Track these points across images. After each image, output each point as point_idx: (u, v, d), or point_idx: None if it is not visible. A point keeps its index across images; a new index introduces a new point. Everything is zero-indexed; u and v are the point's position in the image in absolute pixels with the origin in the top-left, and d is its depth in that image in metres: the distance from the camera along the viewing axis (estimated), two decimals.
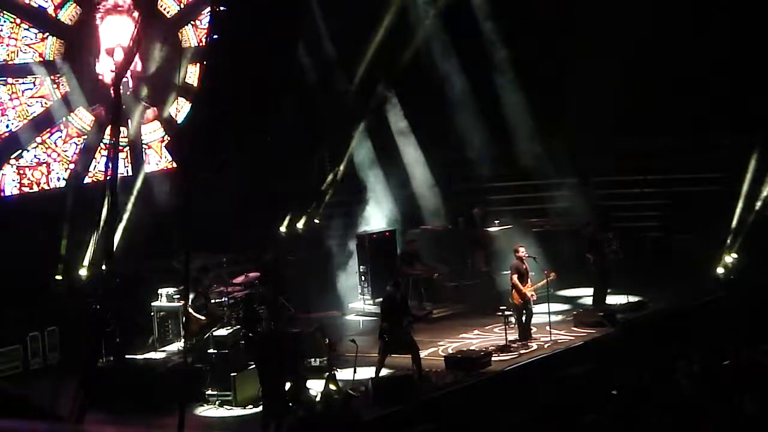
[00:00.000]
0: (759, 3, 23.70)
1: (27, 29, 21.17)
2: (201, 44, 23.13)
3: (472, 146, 25.05)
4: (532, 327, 19.37)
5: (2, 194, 20.88)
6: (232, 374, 16.90)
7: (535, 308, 19.44)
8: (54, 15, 21.47)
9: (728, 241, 22.33)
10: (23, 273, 19.41)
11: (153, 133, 23.34)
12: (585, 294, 22.16)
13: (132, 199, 21.29)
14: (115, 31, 21.88)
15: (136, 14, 21.63)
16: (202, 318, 18.22)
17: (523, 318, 19.20)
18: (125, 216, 20.83)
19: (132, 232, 20.66)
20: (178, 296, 19.09)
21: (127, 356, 18.59)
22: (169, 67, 22.56)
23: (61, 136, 21.75)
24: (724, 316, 19.16)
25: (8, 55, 20.94)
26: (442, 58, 25.13)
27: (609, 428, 13.38)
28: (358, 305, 22.58)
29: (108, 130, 19.68)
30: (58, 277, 20.44)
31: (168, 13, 23.19)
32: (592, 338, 19.19)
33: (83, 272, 20.56)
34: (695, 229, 23.26)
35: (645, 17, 23.81)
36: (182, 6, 23.46)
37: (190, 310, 18.01)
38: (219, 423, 16.51)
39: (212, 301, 18.95)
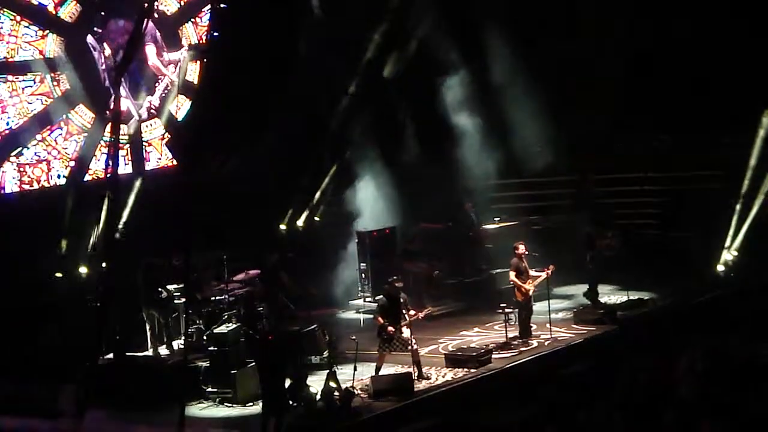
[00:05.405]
0: (758, 2, 23.69)
1: (27, 26, 21.18)
2: (201, 42, 23.13)
3: (473, 145, 25.05)
4: (532, 324, 19.39)
5: (2, 191, 20.88)
6: (233, 371, 16.90)
7: (536, 306, 19.45)
8: (54, 12, 21.49)
9: (728, 239, 22.34)
10: (23, 270, 19.40)
11: (153, 130, 23.35)
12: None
13: (132, 196, 21.29)
14: (120, 33, 21.93)
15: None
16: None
17: (524, 315, 19.22)
18: (125, 213, 20.82)
19: (132, 229, 20.65)
20: (178, 294, 19.18)
21: (127, 353, 18.61)
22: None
23: (61, 134, 21.75)
24: (724, 314, 19.17)
25: (8, 52, 20.95)
26: (442, 56, 25.12)
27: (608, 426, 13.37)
28: (359, 302, 22.60)
29: (108, 128, 19.69)
30: (59, 275, 20.44)
31: (168, 11, 23.19)
32: (592, 336, 19.20)
33: (83, 270, 20.55)
34: (695, 228, 23.25)
35: (646, 16, 23.83)
36: (182, 4, 23.45)
37: None
38: (219, 420, 16.50)
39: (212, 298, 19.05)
